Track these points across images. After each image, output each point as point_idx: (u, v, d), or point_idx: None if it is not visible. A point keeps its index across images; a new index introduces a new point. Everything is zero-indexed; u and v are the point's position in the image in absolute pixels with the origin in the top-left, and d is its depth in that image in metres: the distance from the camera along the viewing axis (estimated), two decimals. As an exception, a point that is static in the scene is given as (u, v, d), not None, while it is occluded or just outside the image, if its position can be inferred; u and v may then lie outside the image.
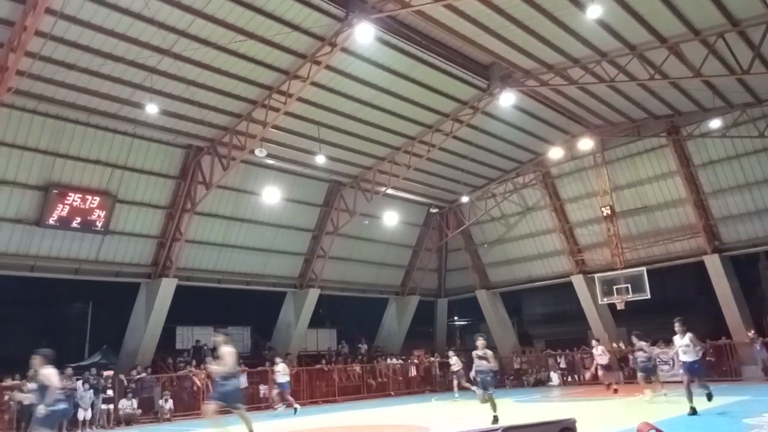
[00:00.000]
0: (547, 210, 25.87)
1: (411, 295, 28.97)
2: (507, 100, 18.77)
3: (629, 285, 22.30)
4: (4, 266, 17.36)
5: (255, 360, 22.59)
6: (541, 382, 24.77)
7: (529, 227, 26.87)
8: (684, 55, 16.08)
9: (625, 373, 21.84)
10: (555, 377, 24.40)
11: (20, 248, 17.36)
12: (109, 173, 18.22)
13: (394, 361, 25.68)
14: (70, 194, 17.39)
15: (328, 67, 16.75)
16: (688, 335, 10.90)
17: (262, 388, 20.54)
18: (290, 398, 17.79)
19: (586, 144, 22.24)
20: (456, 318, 36.21)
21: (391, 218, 24.91)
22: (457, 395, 19.96)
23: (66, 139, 17.05)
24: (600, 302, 23.75)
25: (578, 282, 25.08)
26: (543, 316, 35.09)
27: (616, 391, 17.29)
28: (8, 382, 15.84)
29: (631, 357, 20.75)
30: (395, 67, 17.64)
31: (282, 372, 18.36)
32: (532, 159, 24.70)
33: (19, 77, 13.83)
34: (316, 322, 26.21)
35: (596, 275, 23.70)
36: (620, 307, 22.71)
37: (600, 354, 18.86)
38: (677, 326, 11.06)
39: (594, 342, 19.99)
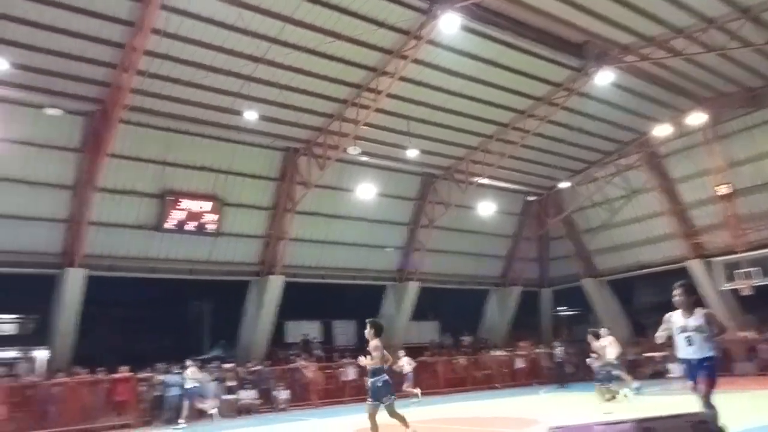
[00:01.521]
0: (655, 192, 24.26)
1: (512, 286, 28.35)
2: (604, 78, 17.81)
3: (757, 268, 20.47)
4: (129, 269, 19.07)
5: (361, 353, 23.10)
6: (660, 374, 23.29)
7: (636, 211, 25.34)
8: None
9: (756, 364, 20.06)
10: (675, 368, 22.81)
11: (142, 252, 19.00)
12: (215, 179, 19.44)
13: (499, 352, 25.29)
14: (182, 200, 18.77)
15: (415, 61, 16.79)
16: (701, 312, 6.59)
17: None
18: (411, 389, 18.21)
19: (696, 119, 20.55)
20: (562, 308, 34.95)
21: (486, 208, 24.52)
22: (557, 388, 19.29)
23: (176, 149, 18.39)
24: (722, 288, 21.96)
25: (695, 267, 23.27)
26: (656, 304, 32.83)
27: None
28: (142, 374, 17.40)
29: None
30: (483, 55, 17.34)
31: (407, 363, 18.78)
32: (636, 139, 23.25)
33: (132, 95, 15.13)
34: (418, 314, 26.41)
35: (715, 259, 21.91)
36: (747, 292, 20.87)
37: None
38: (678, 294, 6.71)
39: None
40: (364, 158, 20.97)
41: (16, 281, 18.81)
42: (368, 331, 8.25)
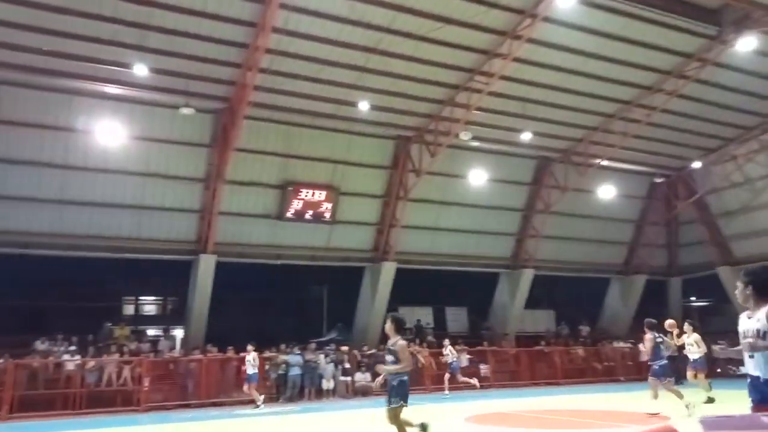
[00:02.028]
0: (807, 170, 21.63)
1: (637, 274, 26.69)
2: (747, 45, 16.09)
3: None
4: (255, 255, 20.34)
5: (473, 339, 23.08)
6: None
7: (783, 191, 22.76)
8: None
9: None
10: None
11: (267, 239, 20.15)
12: (332, 169, 20.08)
13: (621, 344, 24.01)
14: (302, 190, 19.63)
15: (530, 40, 16.19)
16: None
17: (483, 368, 20.87)
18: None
19: None
20: (693, 298, 32.36)
21: (607, 192, 23.19)
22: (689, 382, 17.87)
23: (296, 142, 19.22)
24: None
25: None
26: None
27: None
28: (267, 353, 18.53)
29: None
30: (604, 29, 16.35)
31: (451, 353, 18.51)
32: (783, 111, 20.82)
33: (255, 92, 15.98)
34: (532, 302, 25.74)
35: None
36: None
37: None
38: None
39: None
40: (476, 143, 20.66)
41: (158, 267, 20.83)
42: (388, 326, 7.21)
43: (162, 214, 18.47)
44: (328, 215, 20.18)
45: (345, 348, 19.70)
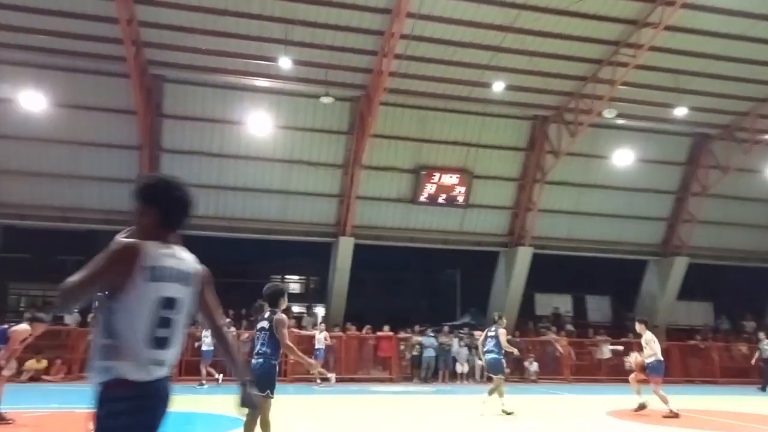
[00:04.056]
0: None
1: (817, 265, 23.42)
2: None
3: None
4: (390, 238, 20.87)
5: (617, 330, 21.77)
6: None
7: None
8: None
9: None
10: None
11: (401, 223, 20.58)
12: (465, 152, 19.93)
13: (794, 343, 21.21)
14: (435, 174, 19.73)
15: (685, 5, 14.68)
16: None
17: (630, 358, 19.57)
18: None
19: None
20: None
21: (779, 171, 20.50)
22: None
23: (429, 126, 19.32)
24: None
25: None
26: None
27: None
28: (402, 334, 19.03)
29: None
30: (776, -15, 14.36)
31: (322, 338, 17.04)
32: None
33: (391, 78, 16.28)
34: (685, 293, 23.63)
35: None
36: None
37: None
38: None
39: None
40: (621, 121, 19.28)
41: (302, 248, 22.20)
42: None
43: (305, 198, 19.63)
44: (461, 199, 20.09)
45: (479, 333, 19.58)
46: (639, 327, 11.07)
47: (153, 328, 2.41)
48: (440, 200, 20.03)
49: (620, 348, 18.87)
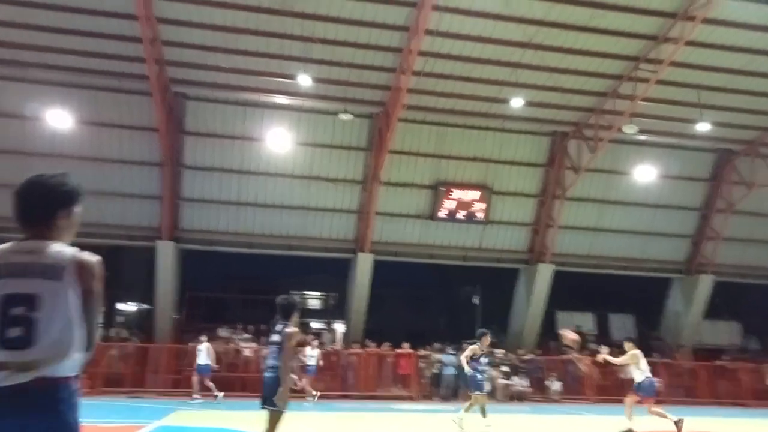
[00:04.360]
0: None
1: None
2: None
3: None
4: (409, 254, 20.79)
5: (642, 350, 21.11)
6: None
7: None
8: None
9: None
10: None
11: (420, 239, 20.49)
12: (484, 168, 19.84)
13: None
14: (453, 190, 19.65)
15: (706, 21, 14.54)
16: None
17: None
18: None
19: None
20: None
21: (808, 187, 20.01)
22: None
23: (448, 142, 19.29)
24: None
25: None
26: None
27: None
28: (421, 351, 18.83)
29: None
30: (800, -1, 14.15)
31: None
32: None
33: (409, 94, 16.34)
34: (712, 312, 23.06)
35: None
36: None
37: None
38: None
39: None
40: (642, 137, 19.05)
41: (321, 264, 22.22)
42: None
43: (324, 214, 19.68)
44: (481, 215, 19.96)
45: (500, 351, 19.33)
46: (627, 345, 11.37)
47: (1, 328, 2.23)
48: (459, 216, 19.92)
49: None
